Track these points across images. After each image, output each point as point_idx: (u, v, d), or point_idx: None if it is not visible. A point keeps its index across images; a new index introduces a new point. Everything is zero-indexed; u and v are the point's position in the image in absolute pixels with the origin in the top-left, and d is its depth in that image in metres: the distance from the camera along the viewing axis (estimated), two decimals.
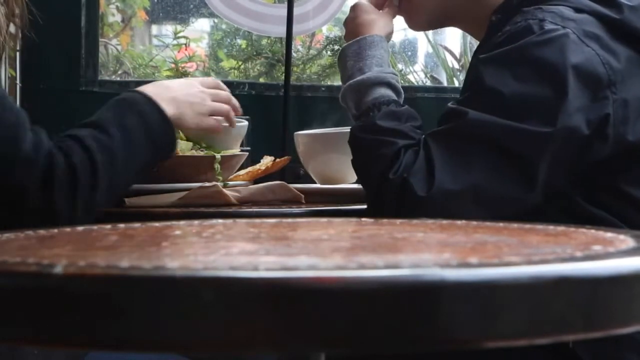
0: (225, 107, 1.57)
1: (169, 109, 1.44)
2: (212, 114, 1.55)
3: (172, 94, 1.47)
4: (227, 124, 1.58)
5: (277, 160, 1.75)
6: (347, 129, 1.70)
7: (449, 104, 1.41)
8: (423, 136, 1.37)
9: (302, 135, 1.75)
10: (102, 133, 1.33)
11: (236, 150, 1.66)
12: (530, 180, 1.34)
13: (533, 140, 1.32)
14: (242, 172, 1.71)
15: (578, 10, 1.41)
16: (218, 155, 1.59)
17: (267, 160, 1.74)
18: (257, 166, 1.74)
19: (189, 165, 1.53)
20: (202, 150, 1.59)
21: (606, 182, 1.40)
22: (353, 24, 1.59)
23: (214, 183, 1.54)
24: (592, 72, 1.35)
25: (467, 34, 2.68)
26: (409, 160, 1.34)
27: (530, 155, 1.33)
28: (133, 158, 1.37)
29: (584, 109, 1.34)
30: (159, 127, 1.42)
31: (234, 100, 1.60)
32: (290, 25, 2.63)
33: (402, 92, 1.50)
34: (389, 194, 1.33)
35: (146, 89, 1.46)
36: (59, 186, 1.26)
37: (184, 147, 1.62)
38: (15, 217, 1.27)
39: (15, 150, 1.24)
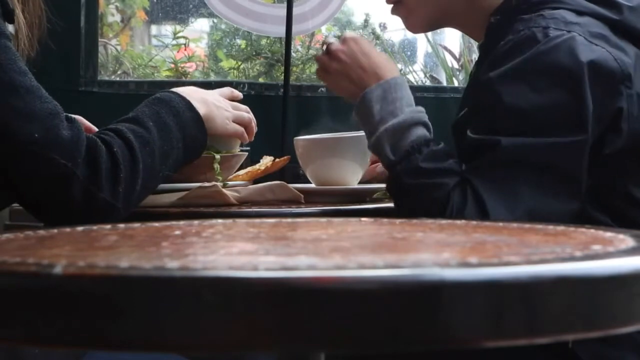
0: (247, 116, 1.62)
1: (201, 109, 1.49)
2: (235, 121, 1.59)
3: (202, 95, 1.52)
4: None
5: (277, 160, 1.74)
6: (346, 135, 1.71)
7: (471, 134, 1.38)
8: (464, 175, 1.35)
9: (301, 140, 1.75)
10: (140, 127, 1.36)
11: (236, 150, 1.65)
12: (576, 190, 1.35)
13: (571, 151, 1.33)
14: (242, 172, 1.71)
15: (579, 13, 1.40)
16: (217, 156, 1.58)
17: (266, 160, 1.74)
18: (257, 166, 1.73)
19: (189, 165, 1.53)
20: None
21: (612, 184, 1.40)
22: (367, 63, 1.51)
23: (213, 183, 1.54)
24: (605, 68, 1.35)
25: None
26: (458, 201, 1.32)
27: (572, 165, 1.34)
28: (169, 153, 1.39)
29: (599, 104, 1.34)
30: (192, 124, 1.46)
31: (252, 115, 1.63)
32: (290, 25, 2.63)
33: (431, 126, 1.47)
34: None
35: (178, 89, 1.50)
36: (105, 175, 1.27)
37: None
38: (60, 208, 1.27)
39: (57, 140, 1.24)
